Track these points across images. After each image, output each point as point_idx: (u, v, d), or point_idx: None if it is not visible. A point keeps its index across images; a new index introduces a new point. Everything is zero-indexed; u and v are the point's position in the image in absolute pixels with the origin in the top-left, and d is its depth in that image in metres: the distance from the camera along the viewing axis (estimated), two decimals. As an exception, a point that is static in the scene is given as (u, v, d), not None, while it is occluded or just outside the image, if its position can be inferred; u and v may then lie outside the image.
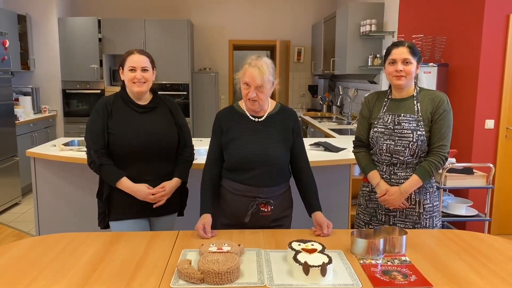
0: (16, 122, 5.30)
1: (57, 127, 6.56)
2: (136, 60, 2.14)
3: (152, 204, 2.18)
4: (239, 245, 1.70)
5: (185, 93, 6.70)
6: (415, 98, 2.15)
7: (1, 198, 4.90)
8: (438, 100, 2.11)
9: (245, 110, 2.11)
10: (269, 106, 2.13)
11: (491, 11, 3.83)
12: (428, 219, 2.18)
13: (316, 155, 3.16)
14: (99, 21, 6.43)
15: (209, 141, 2.17)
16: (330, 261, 1.52)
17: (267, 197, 2.04)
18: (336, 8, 6.16)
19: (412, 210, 2.18)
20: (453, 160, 3.38)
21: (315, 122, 5.78)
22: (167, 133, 2.20)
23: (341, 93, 6.60)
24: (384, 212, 2.21)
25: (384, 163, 2.18)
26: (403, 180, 2.14)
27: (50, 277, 1.52)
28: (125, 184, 2.13)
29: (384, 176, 2.18)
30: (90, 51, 6.43)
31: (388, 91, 2.24)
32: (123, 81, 2.20)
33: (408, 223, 2.18)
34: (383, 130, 2.15)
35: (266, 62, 1.98)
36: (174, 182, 2.22)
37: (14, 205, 5.15)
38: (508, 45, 3.87)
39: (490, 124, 3.98)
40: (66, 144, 3.46)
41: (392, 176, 2.16)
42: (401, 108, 2.15)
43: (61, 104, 6.54)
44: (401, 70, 2.08)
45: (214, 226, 2.02)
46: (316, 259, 1.53)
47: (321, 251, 1.62)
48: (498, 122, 3.98)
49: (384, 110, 2.19)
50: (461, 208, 3.36)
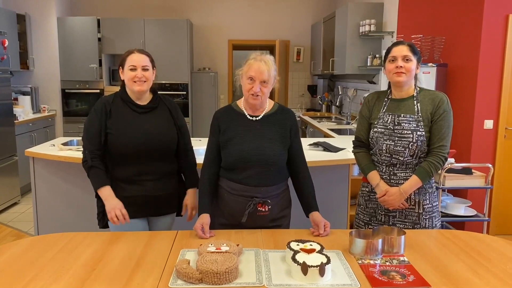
0: (15, 122, 5.29)
1: (56, 127, 6.56)
2: (137, 59, 2.13)
3: (152, 204, 2.18)
4: (238, 245, 1.70)
5: (184, 93, 6.70)
6: (415, 98, 2.14)
7: (0, 198, 4.90)
8: (438, 101, 2.10)
9: (243, 110, 2.11)
10: (267, 106, 2.13)
11: (490, 12, 3.84)
12: (428, 220, 2.18)
13: (315, 155, 3.16)
14: (99, 21, 6.43)
15: (207, 141, 2.17)
16: (329, 261, 1.53)
17: (265, 197, 2.03)
18: (336, 8, 6.16)
19: (412, 211, 2.17)
20: (452, 160, 3.38)
21: (314, 122, 5.79)
22: (166, 134, 2.20)
23: (340, 93, 6.60)
24: (384, 213, 2.21)
25: (384, 164, 2.17)
26: (403, 181, 2.13)
27: (49, 277, 1.52)
28: (105, 193, 2.10)
29: (384, 177, 2.17)
30: (90, 51, 6.43)
31: (388, 91, 2.23)
32: (123, 81, 2.20)
33: (408, 224, 2.18)
34: (383, 130, 2.15)
35: (270, 58, 2.03)
36: (192, 194, 2.27)
37: (13, 205, 5.15)
38: (507, 45, 3.87)
39: (489, 125, 3.99)
40: (65, 144, 3.46)
41: (392, 177, 2.16)
42: (401, 108, 2.15)
43: (60, 104, 6.54)
44: (402, 67, 2.08)
45: (212, 226, 2.02)
46: (315, 259, 1.53)
47: (320, 251, 1.62)
48: (497, 123, 3.99)
49: (384, 110, 2.19)
50: (460, 208, 3.37)
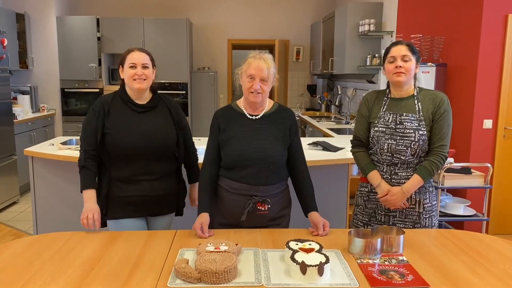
0: (14, 121, 5.29)
1: (56, 126, 6.55)
2: (137, 57, 2.13)
3: (150, 204, 2.18)
4: (237, 245, 1.70)
5: (184, 92, 6.70)
6: (416, 98, 2.14)
7: (-1, 197, 4.90)
8: (439, 100, 2.11)
9: (243, 109, 2.11)
10: (267, 105, 2.13)
11: (490, 11, 3.84)
12: (428, 219, 2.18)
13: (315, 155, 3.16)
14: (98, 20, 6.42)
15: (207, 140, 2.17)
16: (328, 261, 1.53)
17: (264, 196, 2.03)
18: (335, 8, 6.16)
19: (412, 210, 2.17)
20: (451, 160, 3.38)
21: (314, 122, 5.79)
22: (165, 133, 2.19)
23: (340, 93, 6.60)
24: (384, 213, 2.20)
25: (385, 163, 2.16)
26: (404, 180, 2.13)
27: (48, 276, 1.52)
28: (87, 195, 2.08)
29: (385, 176, 2.16)
30: (89, 50, 6.42)
31: (387, 91, 2.22)
32: (123, 80, 2.19)
33: (408, 223, 2.18)
34: (384, 130, 2.14)
35: (269, 56, 2.05)
36: (194, 188, 2.40)
37: (12, 204, 5.14)
38: (507, 45, 3.87)
39: (488, 124, 3.99)
40: (64, 143, 3.46)
41: (393, 176, 2.15)
42: (402, 108, 2.14)
43: (60, 103, 6.53)
44: (401, 67, 2.07)
45: (211, 226, 2.02)
46: (314, 259, 1.53)
47: (319, 251, 1.62)
48: (496, 122, 3.99)
49: (384, 109, 2.18)
50: (459, 208, 3.37)
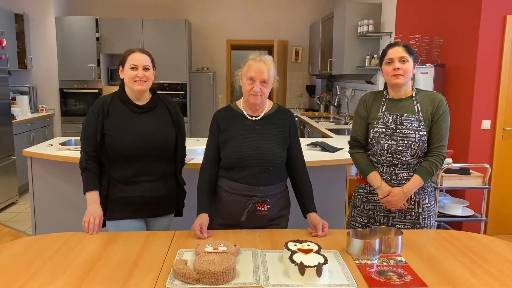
0: (13, 121, 5.28)
1: (54, 127, 6.55)
2: (138, 59, 2.12)
3: (149, 205, 2.17)
4: (235, 246, 1.70)
5: (183, 93, 6.70)
6: (415, 99, 2.14)
7: (-2, 198, 4.90)
8: (438, 101, 2.11)
9: (243, 110, 2.12)
10: (267, 106, 2.14)
11: (488, 12, 3.84)
12: (427, 219, 2.18)
13: (313, 155, 3.16)
14: (97, 20, 6.42)
15: (206, 141, 2.17)
16: (326, 262, 1.53)
17: (264, 196, 2.04)
18: (334, 9, 6.17)
19: (411, 211, 2.17)
20: (450, 161, 3.39)
21: (313, 122, 5.79)
22: (165, 134, 2.18)
23: (339, 93, 6.61)
24: (383, 214, 2.19)
25: (385, 164, 2.16)
26: (404, 181, 2.13)
27: (46, 277, 1.52)
28: (90, 197, 2.08)
29: (385, 177, 2.15)
30: (88, 51, 6.42)
31: (385, 92, 2.23)
32: (122, 80, 2.18)
33: (407, 224, 2.18)
34: (384, 130, 2.13)
35: (269, 58, 2.05)
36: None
37: (11, 205, 5.14)
38: (505, 46, 3.88)
39: (487, 125, 4.00)
40: (63, 144, 3.46)
41: (393, 177, 2.14)
42: (401, 108, 2.14)
43: (59, 104, 6.53)
44: (399, 68, 2.07)
45: (211, 226, 2.01)
46: (312, 260, 1.53)
47: (317, 252, 1.62)
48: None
49: (383, 110, 2.17)
50: (458, 208, 3.37)
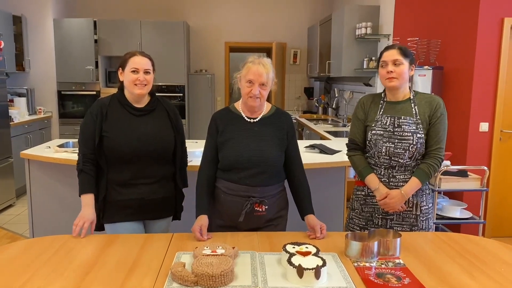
0: (11, 124, 5.27)
1: (52, 129, 6.54)
2: (139, 62, 2.11)
3: (148, 208, 2.16)
4: (233, 248, 1.70)
5: (181, 95, 6.70)
6: (412, 101, 2.15)
7: (-5, 200, 4.88)
8: (436, 104, 2.12)
9: (241, 112, 2.12)
10: (265, 108, 2.15)
11: (486, 15, 3.86)
12: (425, 221, 2.19)
13: (312, 157, 3.16)
14: (95, 22, 6.42)
15: (204, 142, 2.17)
16: (324, 264, 1.52)
17: (262, 197, 2.04)
18: (332, 11, 6.19)
19: (409, 213, 2.17)
20: (448, 163, 3.40)
21: (311, 124, 5.79)
22: (163, 136, 2.18)
23: (337, 96, 6.61)
24: (381, 216, 2.20)
25: (383, 166, 2.16)
26: (402, 183, 2.13)
27: (44, 279, 1.52)
28: (85, 200, 2.06)
29: (383, 179, 2.16)
30: (86, 53, 6.41)
31: (383, 94, 2.23)
32: (121, 83, 2.17)
33: (405, 226, 2.18)
34: (382, 133, 2.14)
35: (268, 61, 2.05)
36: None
37: (8, 207, 5.12)
38: (502, 49, 3.89)
39: (485, 127, 4.00)
40: (61, 146, 3.45)
41: (391, 179, 2.15)
42: (399, 111, 2.15)
43: (56, 106, 6.52)
44: (392, 72, 2.09)
45: (209, 228, 2.01)
46: (310, 262, 1.53)
47: (316, 254, 1.62)
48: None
49: (381, 113, 2.18)
50: (456, 211, 3.38)
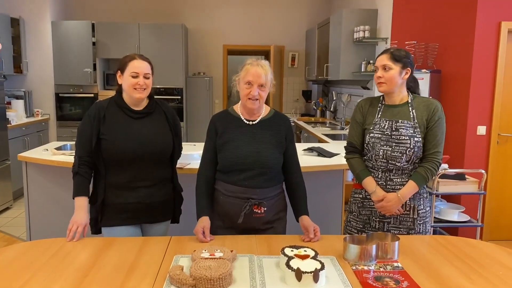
0: (8, 126, 5.26)
1: (50, 131, 6.52)
2: (139, 66, 2.10)
3: (146, 211, 2.16)
4: (232, 251, 1.70)
5: (179, 97, 6.70)
6: (410, 105, 2.15)
7: (-8, 202, 4.86)
8: (433, 108, 2.13)
9: (240, 114, 2.13)
10: (264, 111, 2.16)
11: (483, 19, 3.87)
12: (422, 225, 2.19)
13: (310, 160, 3.17)
14: (93, 25, 6.42)
15: (203, 145, 2.17)
16: (323, 267, 1.52)
17: (260, 199, 2.05)
18: (330, 14, 6.20)
19: (407, 216, 2.17)
20: (446, 166, 3.40)
21: (309, 127, 5.80)
22: (161, 139, 2.17)
23: (335, 99, 6.62)
24: (379, 219, 2.20)
25: (380, 169, 2.17)
26: (399, 186, 2.13)
27: (41, 283, 1.51)
28: (78, 203, 2.05)
29: (380, 182, 2.16)
30: (84, 55, 6.41)
31: (381, 97, 2.24)
32: (119, 86, 2.16)
33: (403, 229, 2.18)
34: (380, 136, 2.15)
35: (266, 63, 2.07)
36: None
37: (5, 210, 5.10)
38: (500, 52, 3.91)
39: (482, 131, 4.02)
40: (59, 148, 3.45)
41: (388, 182, 2.15)
42: (397, 114, 2.15)
43: (54, 108, 6.51)
44: (380, 77, 2.11)
45: (210, 230, 2.01)
46: (309, 265, 1.53)
47: (314, 257, 1.62)
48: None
49: (379, 116, 2.19)
50: (453, 214, 3.38)
